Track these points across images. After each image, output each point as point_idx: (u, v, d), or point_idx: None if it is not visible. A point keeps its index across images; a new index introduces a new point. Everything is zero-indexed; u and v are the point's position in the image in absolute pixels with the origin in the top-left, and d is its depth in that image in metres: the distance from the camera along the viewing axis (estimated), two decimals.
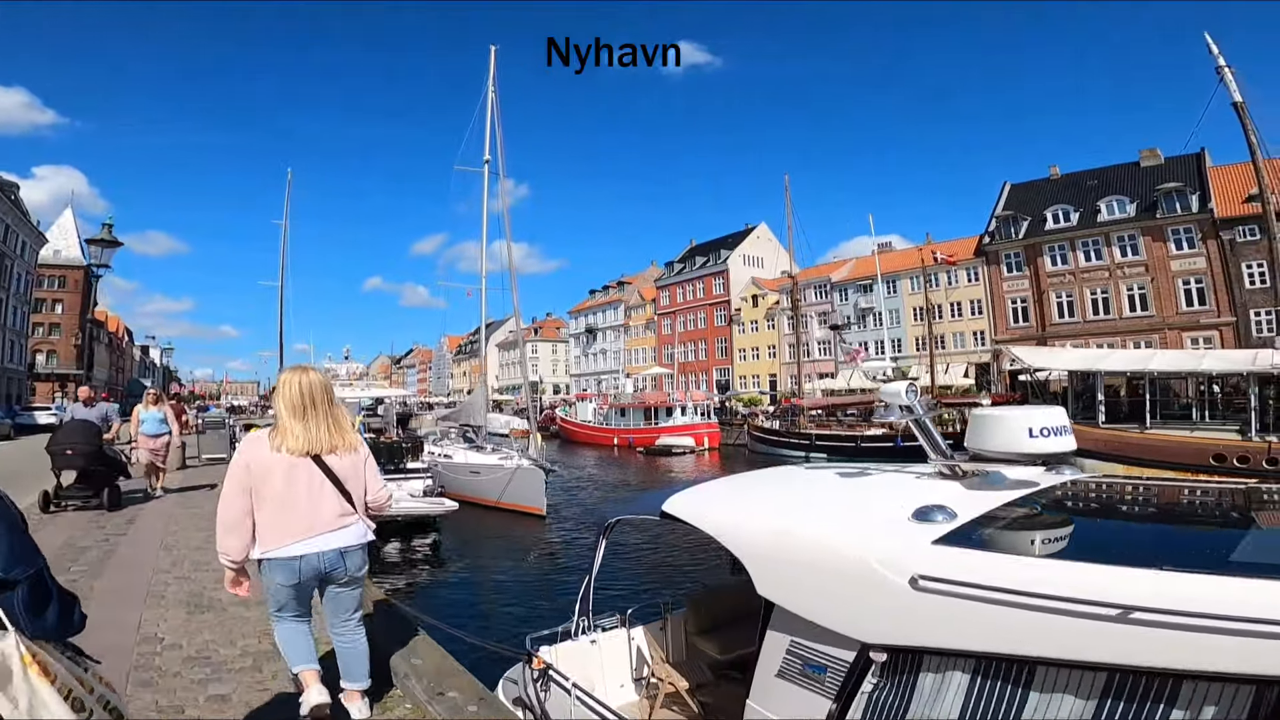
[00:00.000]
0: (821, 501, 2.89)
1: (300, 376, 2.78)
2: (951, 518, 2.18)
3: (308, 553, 2.63)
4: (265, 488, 2.62)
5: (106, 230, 10.04)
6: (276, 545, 2.61)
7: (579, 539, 14.36)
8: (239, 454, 2.78)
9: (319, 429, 2.71)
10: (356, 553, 2.78)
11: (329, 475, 2.70)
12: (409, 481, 13.84)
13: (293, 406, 2.70)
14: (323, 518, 2.66)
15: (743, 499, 3.26)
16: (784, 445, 30.96)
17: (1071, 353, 24.14)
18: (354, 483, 2.77)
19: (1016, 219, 40.81)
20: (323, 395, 2.77)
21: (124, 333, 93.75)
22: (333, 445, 2.72)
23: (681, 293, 64.42)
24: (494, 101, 20.56)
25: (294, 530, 2.62)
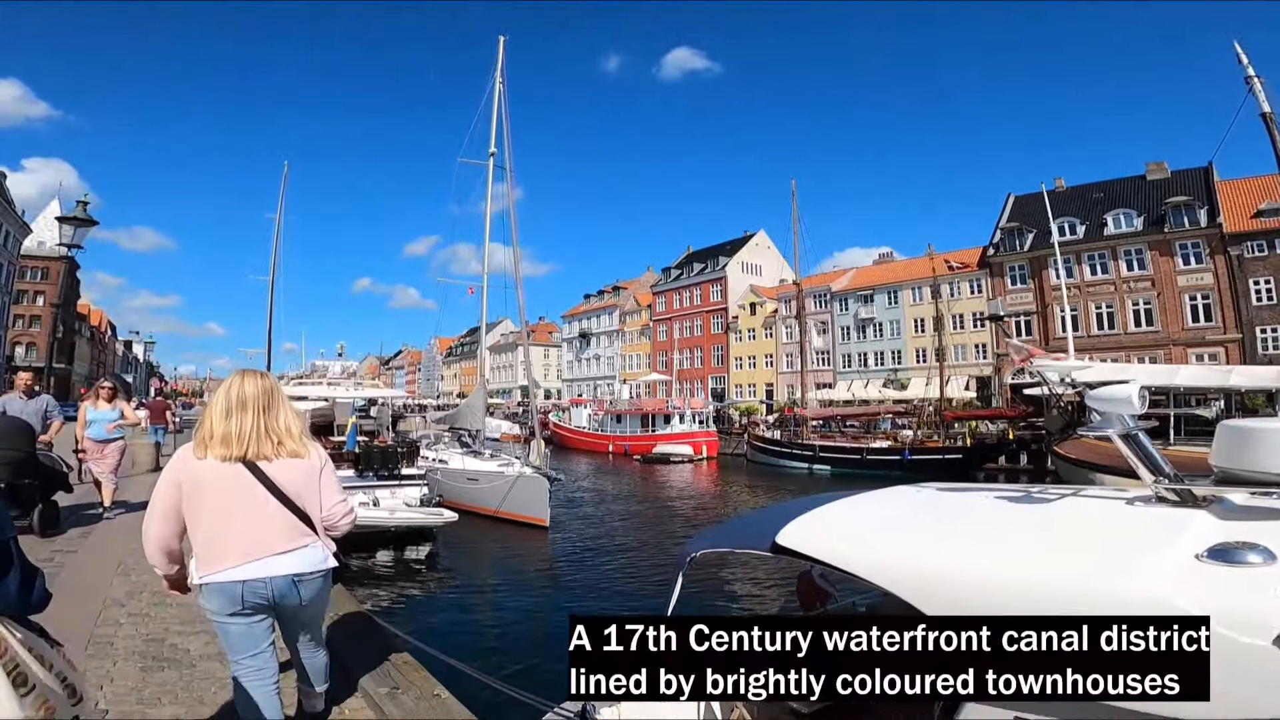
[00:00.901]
0: (1023, 536, 2.20)
1: (235, 381, 2.43)
2: (1272, 559, 1.62)
3: (250, 578, 2.25)
4: (199, 504, 2.27)
5: (81, 209, 9.10)
6: (213, 569, 2.25)
7: (585, 552, 13.50)
8: (167, 469, 2.38)
9: (244, 428, 2.34)
10: (313, 581, 2.38)
11: (270, 488, 2.32)
12: (403, 489, 12.93)
13: (218, 409, 2.37)
14: (267, 537, 2.29)
15: (905, 532, 2.45)
16: (786, 456, 30.21)
17: (1093, 366, 23.49)
18: (307, 497, 2.38)
19: (1021, 231, 40.37)
20: (257, 398, 2.39)
21: (107, 327, 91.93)
22: (267, 450, 2.34)
23: (678, 299, 63.71)
24: (501, 93, 19.76)
25: (231, 551, 2.26)
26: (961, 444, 26.80)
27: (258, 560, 2.27)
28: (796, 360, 52.71)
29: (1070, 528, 2.23)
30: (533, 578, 11.82)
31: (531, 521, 14.36)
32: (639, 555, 13.24)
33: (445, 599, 10.40)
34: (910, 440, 27.07)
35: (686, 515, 18.53)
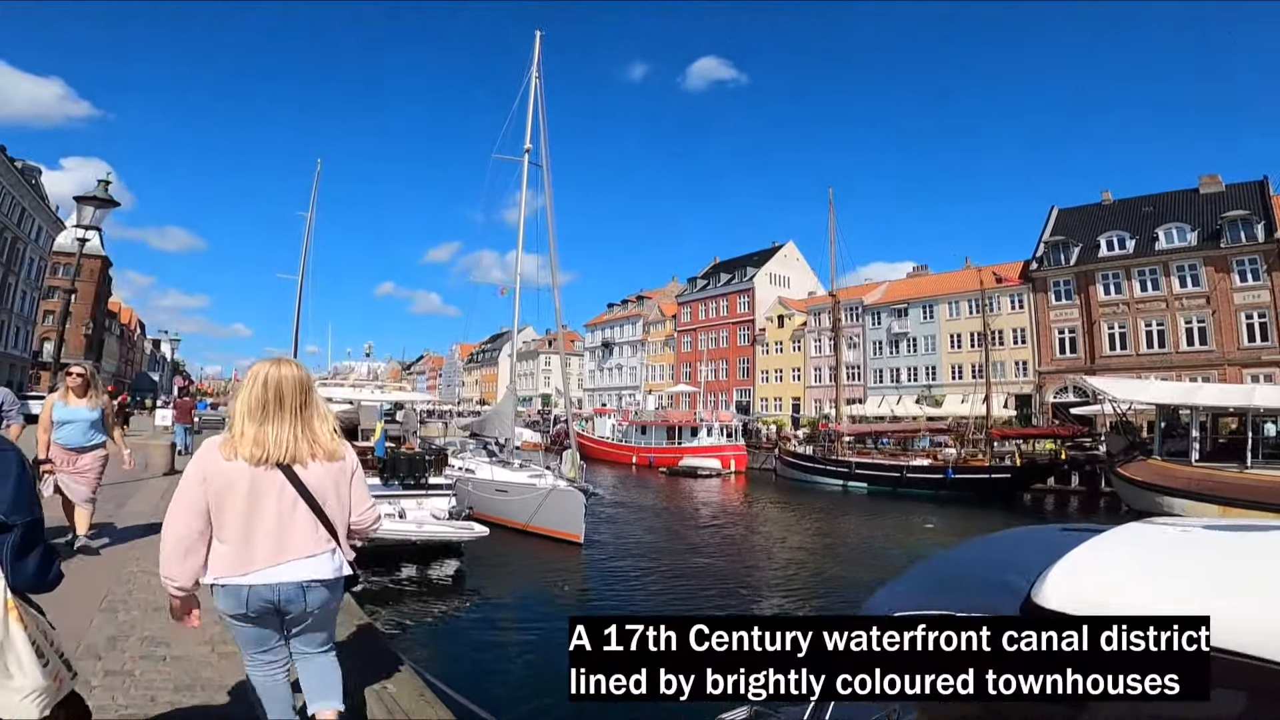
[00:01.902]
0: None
1: (270, 369, 2.23)
2: None
3: (259, 583, 2.13)
4: (225, 506, 2.12)
5: (102, 188, 8.43)
6: (229, 573, 2.12)
7: (622, 572, 12.59)
8: (193, 464, 2.21)
9: (283, 432, 2.17)
10: (321, 589, 2.22)
11: (302, 491, 2.18)
12: (430, 499, 12.11)
13: (249, 406, 2.18)
14: (291, 544, 2.16)
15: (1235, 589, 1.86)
16: (819, 472, 29.04)
17: (1160, 385, 22.17)
18: (333, 501, 2.24)
19: (1067, 245, 38.96)
20: (295, 394, 2.21)
21: (136, 325, 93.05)
22: (301, 453, 2.19)
23: (704, 310, 62.72)
24: (538, 89, 19.14)
25: (255, 558, 2.12)
26: (1010, 463, 25.44)
27: (277, 566, 2.14)
28: (825, 374, 51.56)
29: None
30: (568, 601, 10.92)
31: (564, 537, 13.48)
32: (682, 578, 12.31)
33: (472, 624, 9.54)
34: (953, 458, 25.78)
35: (729, 534, 17.55)
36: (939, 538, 17.62)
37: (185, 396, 27.45)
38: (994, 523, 20.11)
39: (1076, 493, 25.57)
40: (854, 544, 16.44)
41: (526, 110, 19.47)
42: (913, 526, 19.22)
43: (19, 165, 42.04)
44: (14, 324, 43.81)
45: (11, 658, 1.39)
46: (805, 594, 11.49)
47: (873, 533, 18.20)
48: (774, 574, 13.12)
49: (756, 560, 14.22)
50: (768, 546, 15.91)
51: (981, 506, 22.65)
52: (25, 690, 1.41)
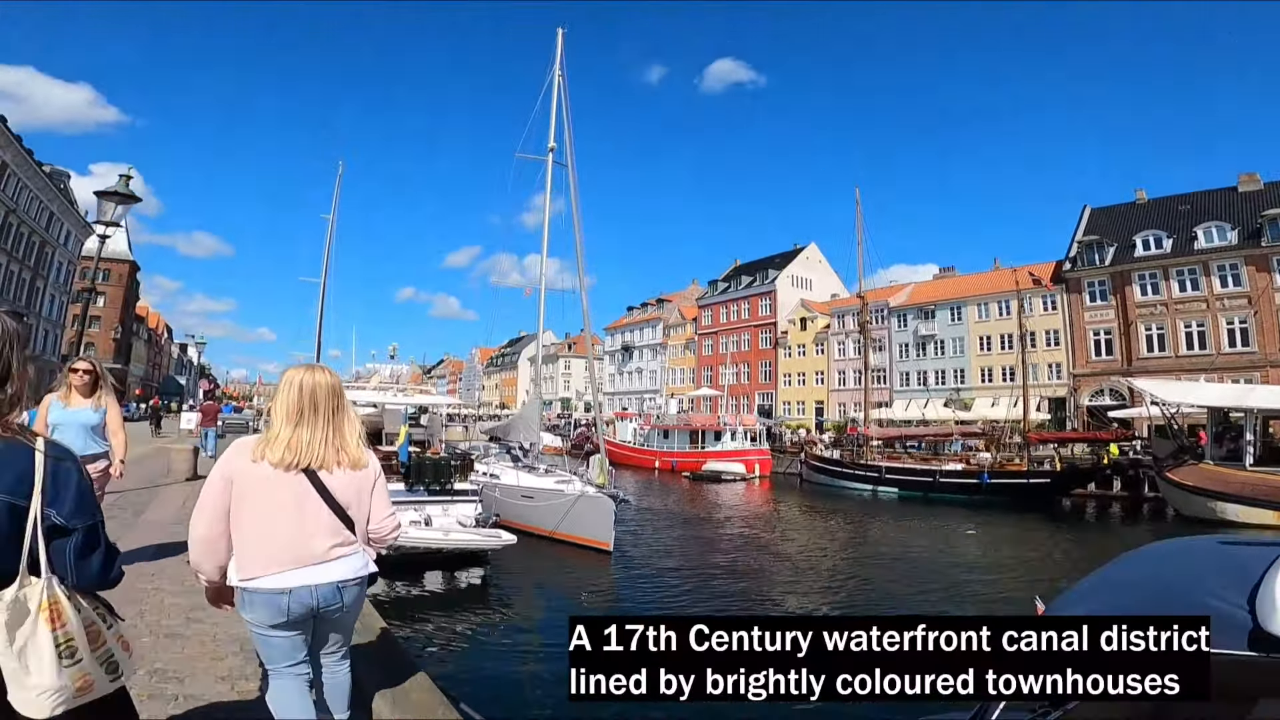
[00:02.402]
0: None
1: (305, 376, 2.25)
2: None
3: (298, 585, 2.12)
4: (246, 507, 2.13)
5: (124, 183, 8.16)
6: (259, 573, 2.11)
7: (653, 581, 12.14)
8: (219, 465, 2.20)
9: (314, 438, 2.19)
10: (354, 587, 2.26)
11: (325, 496, 2.19)
12: (456, 505, 11.76)
13: (287, 410, 2.19)
14: (314, 547, 2.16)
15: None
16: (847, 477, 28.35)
17: (1212, 387, 21.28)
18: (356, 507, 2.25)
19: (1102, 245, 37.89)
20: (328, 400, 2.23)
21: (164, 329, 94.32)
22: (329, 459, 2.21)
23: (725, 313, 62.12)
24: (560, 86, 18.83)
25: (281, 557, 2.13)
26: (1050, 468, 24.59)
27: (305, 568, 2.16)
28: (850, 377, 50.77)
29: None
30: (600, 610, 10.48)
31: (593, 545, 13.06)
32: (720, 589, 11.81)
33: (497, 635, 9.15)
34: (988, 463, 24.96)
35: (764, 542, 17.02)
36: (982, 546, 16.95)
37: (210, 400, 27.55)
38: (1037, 529, 19.59)
39: (1119, 498, 24.69)
40: (896, 552, 15.81)
41: (550, 109, 19.22)
42: (953, 534, 18.53)
43: (47, 169, 42.63)
44: (42, 327, 44.40)
45: (34, 657, 1.44)
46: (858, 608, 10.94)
47: (913, 540, 17.57)
48: (819, 585, 12.53)
49: (797, 571, 13.65)
50: (806, 556, 15.31)
51: (1019, 512, 21.89)
52: (40, 689, 1.45)
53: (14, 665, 1.44)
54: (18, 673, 1.45)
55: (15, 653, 1.43)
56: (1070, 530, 20.19)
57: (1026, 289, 36.49)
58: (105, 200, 8.14)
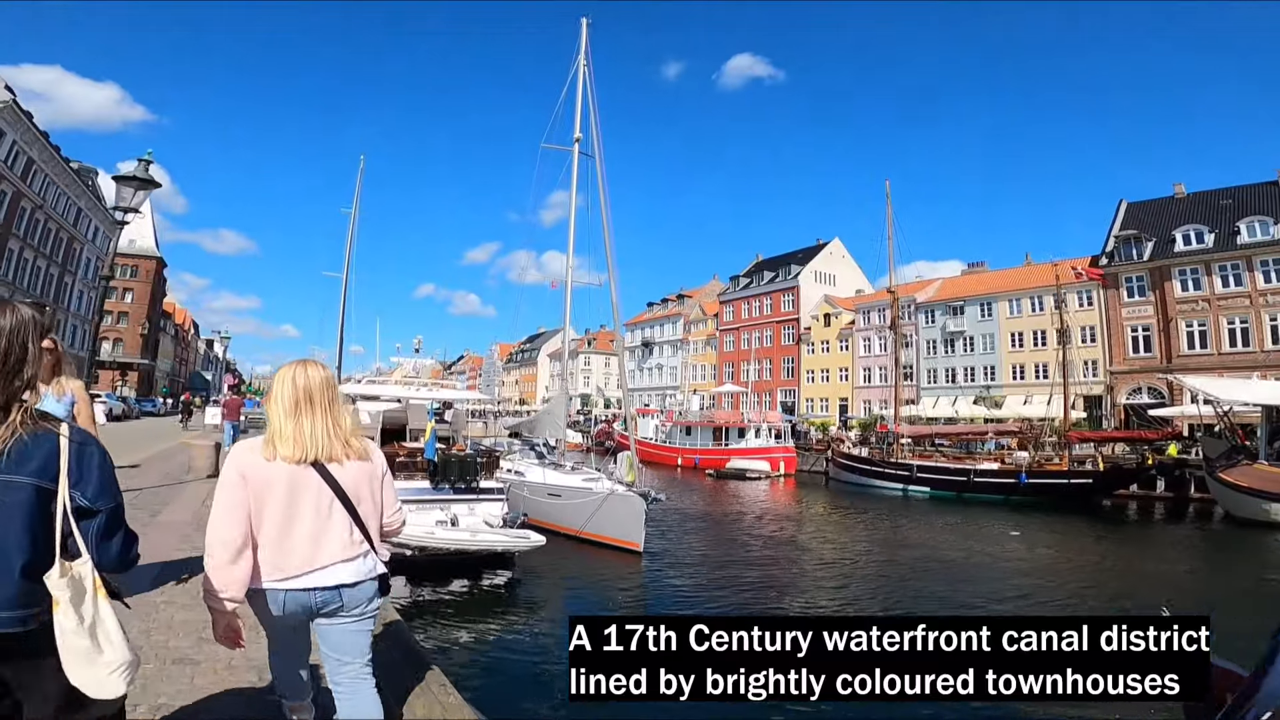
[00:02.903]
0: None
1: (298, 371, 2.19)
2: None
3: (296, 588, 2.05)
4: (265, 507, 2.04)
5: (143, 167, 7.81)
6: (272, 577, 2.05)
7: (686, 584, 11.70)
8: (230, 463, 2.10)
9: (316, 429, 2.11)
10: (359, 588, 2.13)
11: (337, 491, 2.11)
12: (482, 504, 11.38)
13: (285, 406, 2.13)
14: (329, 547, 2.08)
15: None
16: (877, 476, 27.63)
17: (1267, 385, 20.35)
18: (367, 503, 2.17)
19: (1140, 239, 36.72)
20: (323, 393, 2.17)
21: (190, 325, 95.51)
22: (334, 451, 2.13)
23: (747, 308, 61.36)
24: (586, 76, 18.41)
25: (293, 562, 2.05)
26: (1092, 468, 23.72)
27: (314, 571, 2.06)
28: (875, 374, 49.87)
29: None
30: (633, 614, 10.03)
31: (622, 545, 12.63)
32: (755, 591, 11.34)
33: (524, 641, 8.75)
34: (1025, 462, 24.14)
35: (799, 542, 16.50)
36: (1029, 548, 16.25)
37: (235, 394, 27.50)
38: (1083, 531, 18.97)
39: (1162, 499, 23.84)
40: (943, 555, 15.11)
41: (575, 100, 18.81)
42: (996, 536, 17.81)
43: (75, 166, 43.04)
44: (71, 323, 44.89)
45: (101, 633, 1.46)
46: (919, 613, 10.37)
47: (955, 543, 16.89)
48: (868, 590, 11.89)
49: (841, 575, 13.05)
50: (847, 558, 14.70)
51: (1060, 513, 21.20)
52: (113, 665, 1.46)
53: (86, 644, 1.43)
54: (90, 651, 1.44)
55: (87, 630, 1.43)
56: (1119, 532, 19.51)
57: (1065, 284, 35.45)
58: (124, 186, 7.81)
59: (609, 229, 15.43)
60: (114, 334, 60.79)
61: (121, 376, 55.34)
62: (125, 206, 7.84)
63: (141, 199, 8.02)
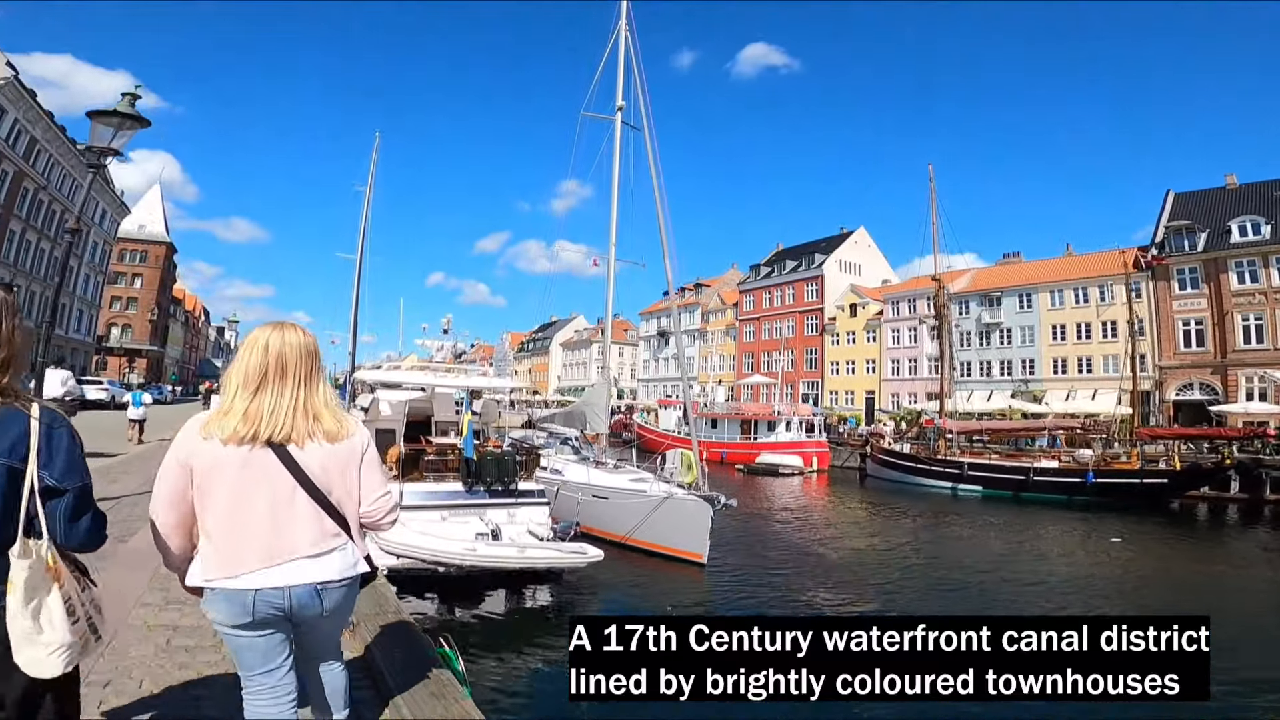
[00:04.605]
0: None
1: (273, 334, 1.85)
2: None
3: (265, 586, 1.77)
4: (209, 493, 1.77)
5: (128, 102, 6.28)
6: (221, 574, 1.77)
7: (765, 602, 10.14)
8: (173, 446, 1.81)
9: (279, 405, 1.80)
10: (339, 590, 1.86)
11: (299, 477, 1.80)
12: (522, 508, 9.89)
13: (245, 375, 1.81)
14: (291, 539, 1.80)
15: None
16: (922, 473, 26.04)
17: None
18: (340, 489, 1.86)
19: (1193, 230, 34.88)
20: (299, 363, 1.84)
21: (201, 313, 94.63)
22: (298, 431, 1.81)
23: (768, 298, 59.67)
24: (628, 42, 16.89)
25: (247, 556, 1.77)
26: (1166, 466, 22.05)
27: (278, 566, 1.78)
28: (904, 366, 48.21)
29: None
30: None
31: (681, 555, 11.13)
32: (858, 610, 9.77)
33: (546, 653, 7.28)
34: (1091, 460, 22.47)
35: (869, 547, 15.07)
36: (1146, 558, 14.65)
37: None
38: (1186, 536, 17.60)
39: (1236, 500, 22.27)
40: (1048, 567, 13.59)
41: (617, 66, 17.35)
42: (1093, 543, 16.24)
43: (81, 147, 41.75)
44: (77, 307, 43.68)
45: (46, 615, 1.47)
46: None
47: (1048, 550, 15.42)
48: (999, 607, 10.38)
49: (939, 590, 11.42)
50: (935, 570, 12.95)
51: (1134, 515, 19.76)
52: (52, 645, 1.48)
53: (28, 624, 1.45)
54: (30, 631, 1.46)
55: (30, 611, 1.45)
56: (1226, 538, 18.20)
57: (1112, 274, 33.71)
58: (102, 122, 6.28)
59: (662, 202, 13.95)
60: (122, 320, 59.78)
61: (129, 363, 54.23)
62: (103, 147, 6.31)
63: (125, 139, 6.47)
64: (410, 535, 8.06)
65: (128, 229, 56.49)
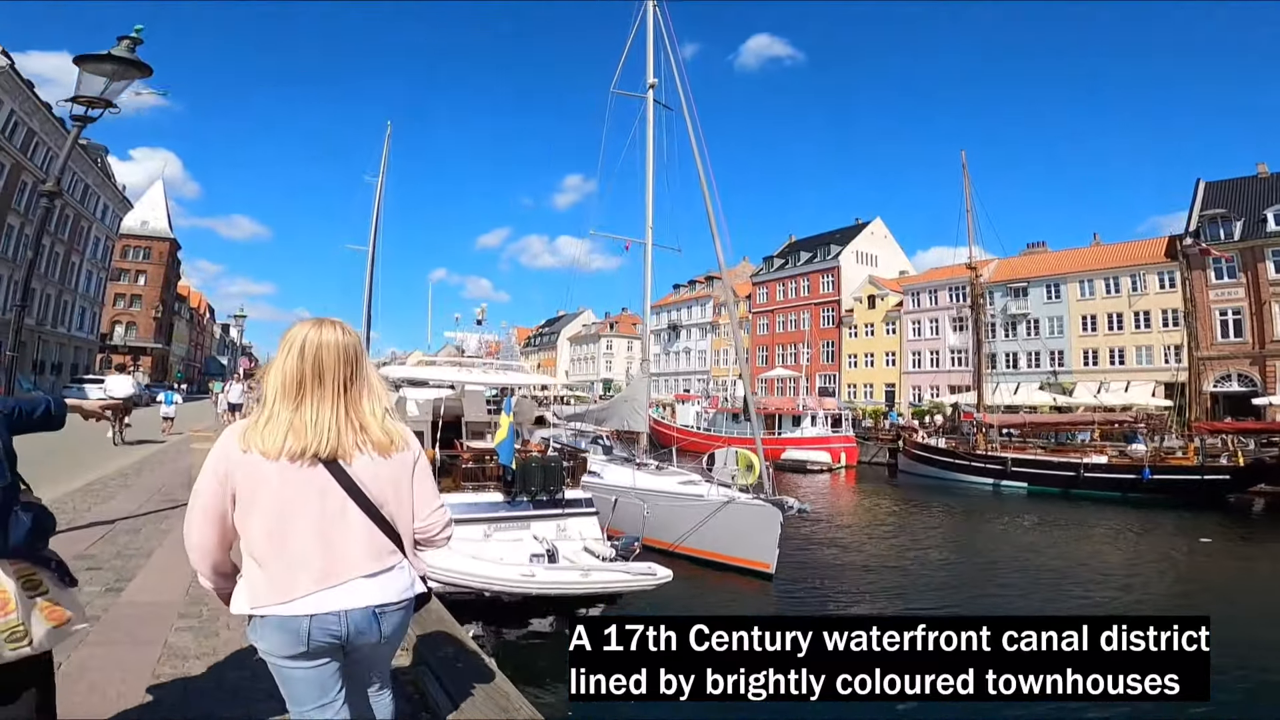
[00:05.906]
0: None
1: (310, 333, 1.64)
2: None
3: (320, 611, 1.56)
4: (254, 513, 1.57)
5: (127, 47, 5.18)
6: (272, 600, 1.56)
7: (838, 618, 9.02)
8: (212, 457, 1.62)
9: (324, 416, 1.60)
10: (397, 613, 1.67)
11: (354, 494, 1.61)
12: (571, 519, 8.83)
13: (286, 382, 1.61)
14: (346, 557, 1.60)
15: None
16: (961, 469, 24.92)
17: None
18: (394, 502, 1.68)
19: (1228, 219, 33.69)
20: (338, 366, 1.63)
21: (206, 310, 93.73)
22: (346, 444, 1.61)
23: (782, 290, 58.49)
24: (657, 15, 15.86)
25: (300, 578, 1.56)
26: (1228, 461, 20.93)
27: (334, 588, 1.58)
28: (925, 358, 47.06)
29: None
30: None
31: (745, 565, 10.08)
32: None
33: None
34: (1145, 455, 21.36)
35: (940, 549, 14.13)
36: (1235, 562, 13.56)
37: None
38: (1243, 530, 16.74)
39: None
40: (1146, 574, 12.58)
41: (646, 41, 16.31)
42: (1180, 545, 15.24)
43: (83, 142, 40.74)
44: (79, 304, 42.72)
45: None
46: None
47: (1132, 553, 14.43)
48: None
49: (1069, 597, 10.43)
50: (1058, 578, 11.91)
51: (1192, 511, 18.81)
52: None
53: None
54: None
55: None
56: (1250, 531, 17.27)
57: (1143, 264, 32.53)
58: (91, 69, 5.22)
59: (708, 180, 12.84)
60: (126, 317, 58.86)
61: (134, 361, 53.29)
62: (91, 97, 5.23)
63: (120, 89, 5.39)
64: (458, 560, 7.00)
65: (130, 225, 55.47)
